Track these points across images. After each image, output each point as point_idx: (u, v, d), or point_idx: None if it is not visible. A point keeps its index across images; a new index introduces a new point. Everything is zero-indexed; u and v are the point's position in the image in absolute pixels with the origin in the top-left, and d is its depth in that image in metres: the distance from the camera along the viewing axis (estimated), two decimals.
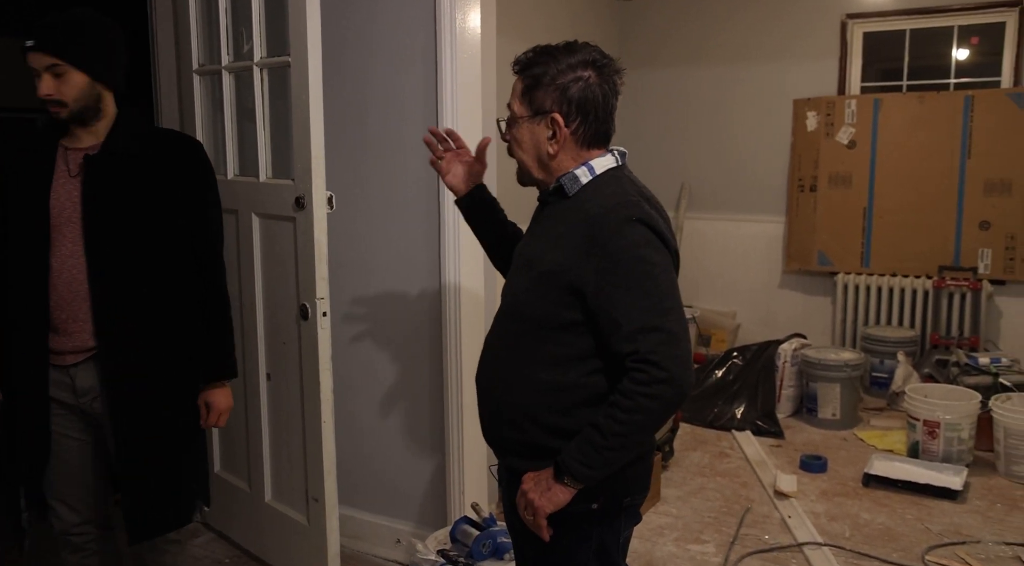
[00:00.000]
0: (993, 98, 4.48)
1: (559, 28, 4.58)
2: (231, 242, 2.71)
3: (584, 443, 1.46)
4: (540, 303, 1.53)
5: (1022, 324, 4.53)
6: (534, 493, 1.50)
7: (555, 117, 1.53)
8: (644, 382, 1.42)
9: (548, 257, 1.52)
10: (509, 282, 1.65)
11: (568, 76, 1.51)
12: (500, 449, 1.66)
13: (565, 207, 1.55)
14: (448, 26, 2.56)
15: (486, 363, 1.65)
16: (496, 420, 1.63)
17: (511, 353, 1.58)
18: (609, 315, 1.46)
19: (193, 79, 2.77)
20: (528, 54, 1.55)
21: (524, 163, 1.60)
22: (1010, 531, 3.07)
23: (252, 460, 2.77)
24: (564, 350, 1.51)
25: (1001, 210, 4.50)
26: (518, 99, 1.56)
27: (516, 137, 1.58)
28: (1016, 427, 3.48)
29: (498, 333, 1.64)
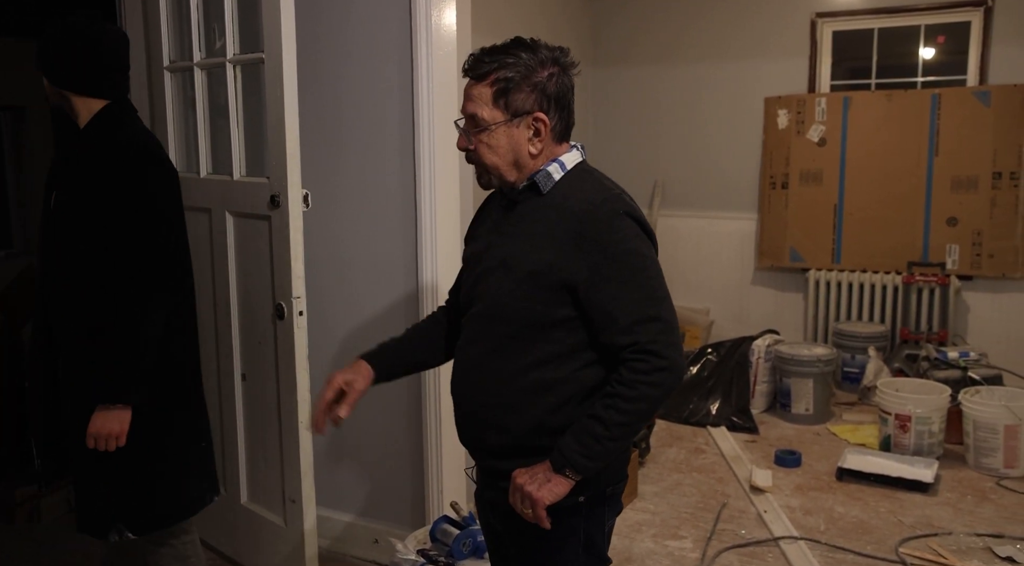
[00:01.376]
0: (959, 96, 4.56)
1: (533, 26, 4.58)
2: (204, 242, 2.68)
3: (584, 435, 1.46)
4: (528, 303, 1.51)
5: (989, 318, 4.62)
6: (531, 486, 1.48)
7: (539, 116, 1.52)
8: (646, 371, 1.44)
9: (533, 257, 1.50)
10: (483, 285, 1.58)
11: (541, 74, 1.51)
12: (480, 452, 1.64)
13: (540, 205, 1.54)
14: (424, 23, 2.55)
15: (466, 369, 1.61)
16: (479, 425, 1.60)
17: (496, 356, 1.55)
18: (604, 309, 1.46)
19: (164, 76, 2.72)
20: (484, 59, 1.51)
21: (495, 167, 1.55)
22: (980, 522, 3.12)
23: (227, 462, 2.74)
24: (556, 347, 1.51)
25: (968, 206, 4.58)
26: (488, 105, 1.51)
27: (489, 143, 1.53)
28: (985, 420, 3.55)
29: (477, 337, 1.59)
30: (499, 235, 1.59)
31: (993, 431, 3.52)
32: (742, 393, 4.31)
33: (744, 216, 5.16)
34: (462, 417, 1.65)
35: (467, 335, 1.61)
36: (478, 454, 1.65)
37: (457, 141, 1.59)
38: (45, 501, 3.14)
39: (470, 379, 1.60)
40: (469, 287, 1.62)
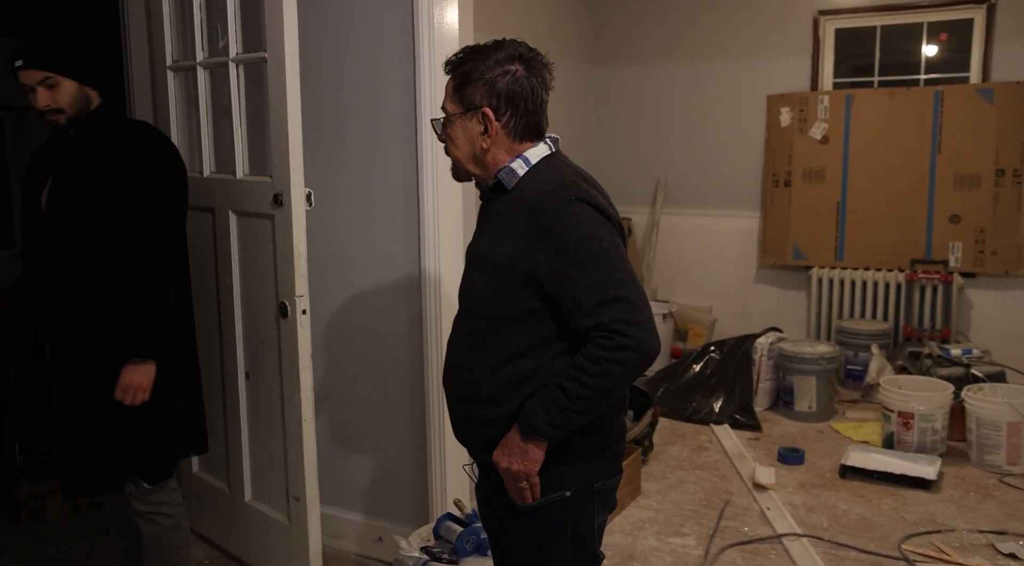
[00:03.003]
0: (962, 93, 4.56)
1: (535, 24, 4.58)
2: (207, 240, 2.69)
3: (549, 403, 1.50)
4: (497, 298, 1.54)
5: (992, 316, 4.62)
6: (513, 463, 1.54)
7: (485, 111, 1.55)
8: (610, 349, 1.46)
9: (497, 251, 1.54)
10: (464, 283, 1.65)
11: (495, 71, 1.54)
12: (474, 448, 1.67)
13: (506, 200, 1.57)
14: (426, 22, 2.55)
15: (450, 367, 1.66)
16: (467, 420, 1.64)
17: (475, 351, 1.59)
18: (568, 295, 1.49)
19: (167, 76, 2.73)
20: (458, 54, 1.58)
21: (459, 160, 1.62)
22: (983, 519, 3.12)
23: (231, 460, 2.75)
24: (527, 340, 1.54)
25: (971, 204, 4.57)
26: (450, 98, 1.58)
27: (451, 135, 1.59)
28: (988, 417, 3.55)
29: (459, 334, 1.64)
30: (478, 233, 1.65)
31: (996, 428, 3.52)
32: (745, 391, 4.32)
33: (747, 214, 5.16)
34: (452, 414, 1.69)
35: (453, 331, 1.66)
36: (470, 449, 1.69)
37: None
38: (50, 500, 3.16)
39: (455, 375, 1.64)
40: (460, 285, 1.68)
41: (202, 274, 2.74)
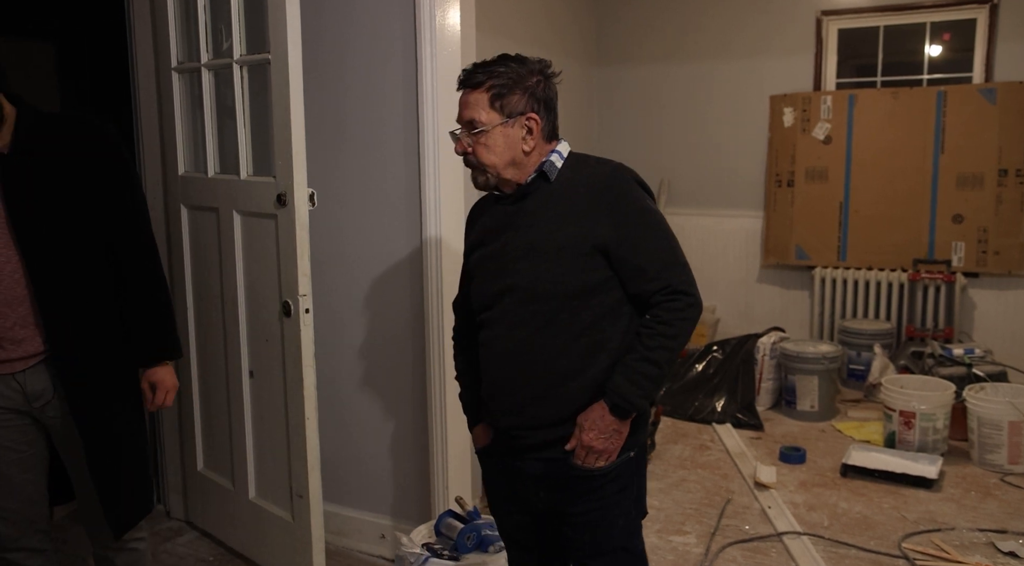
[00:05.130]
0: (965, 93, 4.56)
1: (537, 25, 4.60)
2: (212, 240, 2.71)
3: (640, 378, 1.66)
4: (568, 276, 1.67)
5: (995, 315, 4.62)
6: (610, 443, 1.68)
7: (532, 116, 1.71)
8: (680, 308, 1.66)
9: (560, 234, 1.67)
10: (512, 275, 1.71)
11: (531, 80, 1.71)
12: (530, 430, 1.75)
13: (552, 190, 1.72)
14: (428, 23, 2.57)
15: (513, 353, 1.72)
16: (534, 401, 1.72)
17: (547, 331, 1.69)
18: (633, 262, 1.67)
19: (172, 77, 2.76)
20: (477, 71, 1.71)
21: (494, 166, 1.72)
22: (984, 518, 3.13)
23: (236, 458, 2.77)
24: (596, 310, 1.68)
25: (973, 204, 4.57)
26: (485, 109, 1.69)
27: (487, 143, 1.70)
28: (989, 416, 3.55)
29: (520, 321, 1.71)
30: (515, 229, 1.73)
31: (997, 427, 3.53)
32: (747, 390, 4.33)
33: (750, 214, 5.17)
34: (510, 401, 1.75)
35: (506, 323, 1.73)
36: (526, 432, 1.75)
37: (455, 147, 1.75)
38: None
39: (521, 361, 1.72)
40: (491, 283, 1.75)
41: (206, 273, 2.77)
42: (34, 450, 2.01)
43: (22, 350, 1.90)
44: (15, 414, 1.96)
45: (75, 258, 1.93)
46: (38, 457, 2.03)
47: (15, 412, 1.95)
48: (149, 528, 2.24)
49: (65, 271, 1.92)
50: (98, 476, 2.00)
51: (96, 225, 1.96)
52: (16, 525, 2.01)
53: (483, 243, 1.81)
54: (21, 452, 1.99)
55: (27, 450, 2.00)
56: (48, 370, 1.94)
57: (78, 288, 1.94)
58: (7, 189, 1.85)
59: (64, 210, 1.91)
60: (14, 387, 1.93)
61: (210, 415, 2.89)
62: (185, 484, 3.09)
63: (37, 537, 2.05)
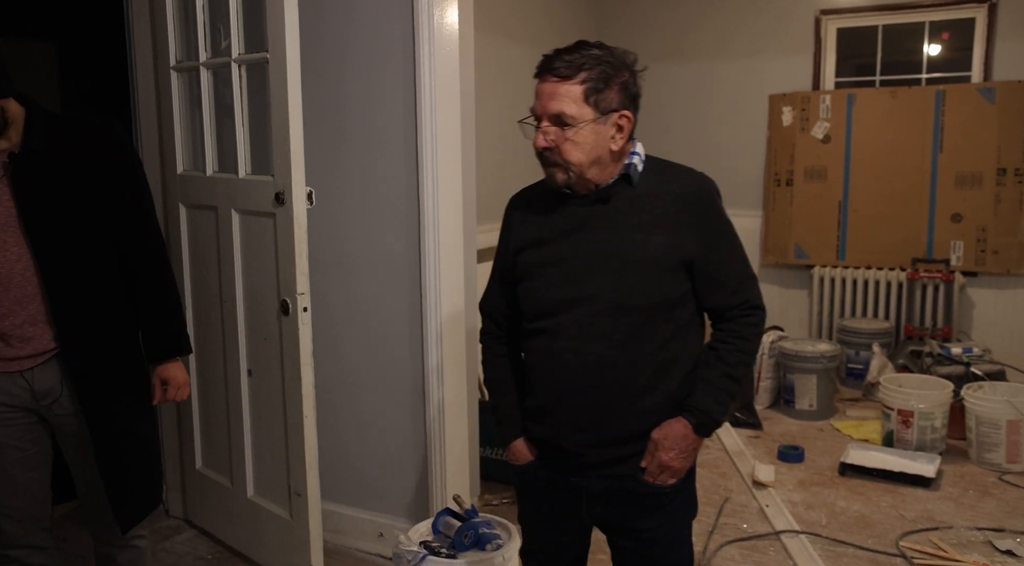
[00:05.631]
0: (963, 93, 4.56)
1: (536, 25, 4.60)
2: (210, 239, 2.72)
3: (722, 394, 1.65)
4: (654, 287, 1.60)
5: (993, 314, 4.62)
6: (684, 461, 1.65)
7: (626, 114, 1.61)
8: (755, 323, 1.67)
9: (650, 243, 1.60)
10: (590, 283, 1.61)
11: (624, 75, 1.60)
12: (601, 447, 1.66)
13: (636, 195, 1.64)
14: (426, 22, 2.57)
15: (590, 368, 1.62)
16: (610, 417, 1.64)
17: (629, 344, 1.61)
18: (714, 277, 1.64)
19: (170, 76, 2.76)
20: (568, 59, 1.56)
21: (579, 164, 1.60)
22: (981, 517, 3.13)
23: (234, 456, 2.78)
24: (674, 324, 1.64)
25: (972, 203, 4.58)
26: (577, 103, 1.56)
27: (575, 140, 1.58)
28: (987, 415, 3.56)
29: (600, 333, 1.61)
30: (591, 232, 1.63)
31: (995, 426, 3.53)
32: (746, 389, 4.33)
33: (749, 213, 5.17)
34: (580, 417, 1.65)
35: (579, 334, 1.62)
36: (593, 450, 1.67)
37: (535, 140, 1.61)
38: None
39: (598, 375, 1.62)
40: (557, 289, 1.64)
41: (205, 272, 2.77)
42: (38, 448, 2.02)
43: (31, 348, 1.91)
44: (22, 412, 1.96)
45: (85, 256, 1.95)
46: (42, 455, 2.04)
47: (22, 410, 1.96)
48: (149, 526, 2.24)
49: (75, 269, 1.93)
50: (106, 472, 2.00)
51: (106, 224, 1.97)
52: (20, 523, 2.02)
53: (542, 242, 1.67)
54: (25, 451, 2.00)
55: (31, 448, 2.01)
56: (57, 367, 1.95)
57: (88, 286, 1.95)
58: (18, 188, 1.86)
59: (74, 209, 1.92)
60: (21, 385, 1.93)
61: (208, 414, 2.89)
62: (184, 482, 3.09)
63: (40, 535, 2.06)
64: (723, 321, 1.68)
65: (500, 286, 1.79)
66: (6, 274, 1.86)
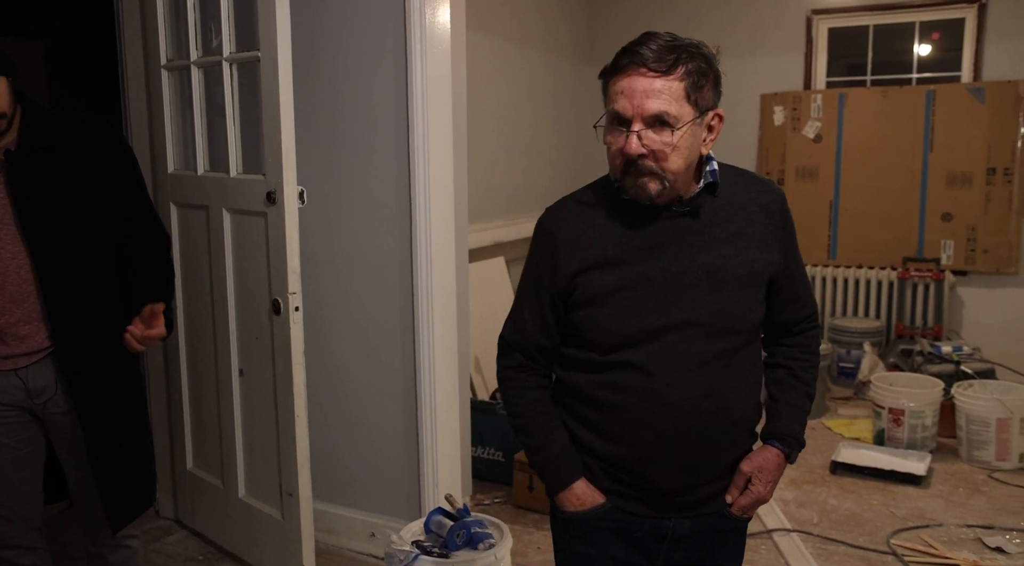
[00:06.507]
0: (954, 93, 4.58)
1: (529, 24, 4.60)
2: (201, 238, 2.71)
3: (804, 414, 1.55)
4: (751, 306, 1.46)
5: (983, 313, 4.64)
6: (771, 490, 1.53)
7: (719, 113, 1.42)
8: (818, 334, 1.60)
9: (746, 257, 1.44)
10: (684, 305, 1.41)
11: (716, 68, 1.40)
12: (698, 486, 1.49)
13: (719, 206, 1.45)
14: (418, 21, 2.57)
15: (693, 401, 1.42)
16: (711, 453, 1.48)
17: (727, 374, 1.45)
18: (791, 289, 1.54)
19: (161, 74, 2.75)
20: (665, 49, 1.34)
21: (678, 172, 1.38)
22: (972, 514, 3.15)
23: (225, 456, 2.77)
24: (758, 344, 1.54)
25: (962, 202, 4.60)
26: (679, 101, 1.34)
27: (677, 145, 1.36)
28: (977, 413, 3.57)
29: (700, 362, 1.42)
30: (680, 248, 1.42)
31: (985, 424, 3.55)
32: None
33: None
34: (680, 457, 1.46)
35: (678, 366, 1.42)
36: (688, 490, 1.49)
37: (627, 146, 1.36)
38: None
39: (701, 409, 1.43)
40: (648, 315, 1.41)
41: (196, 272, 2.76)
42: (31, 447, 2.01)
43: (25, 346, 1.91)
44: (16, 410, 1.96)
45: (81, 255, 1.94)
46: (35, 455, 2.03)
47: (16, 408, 1.96)
48: (140, 526, 2.23)
49: (72, 268, 1.92)
50: (99, 471, 2.00)
51: (103, 223, 1.97)
52: (12, 523, 2.01)
53: (616, 262, 1.42)
54: (18, 450, 1.99)
55: (24, 447, 2.00)
56: (52, 366, 1.94)
57: (84, 285, 1.95)
58: (14, 186, 1.85)
59: (71, 208, 1.91)
60: (16, 383, 1.93)
61: (200, 414, 2.88)
62: (174, 483, 3.08)
63: (31, 535, 2.05)
64: (790, 335, 1.57)
65: (538, 315, 1.51)
66: (1, 272, 1.85)
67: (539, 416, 1.54)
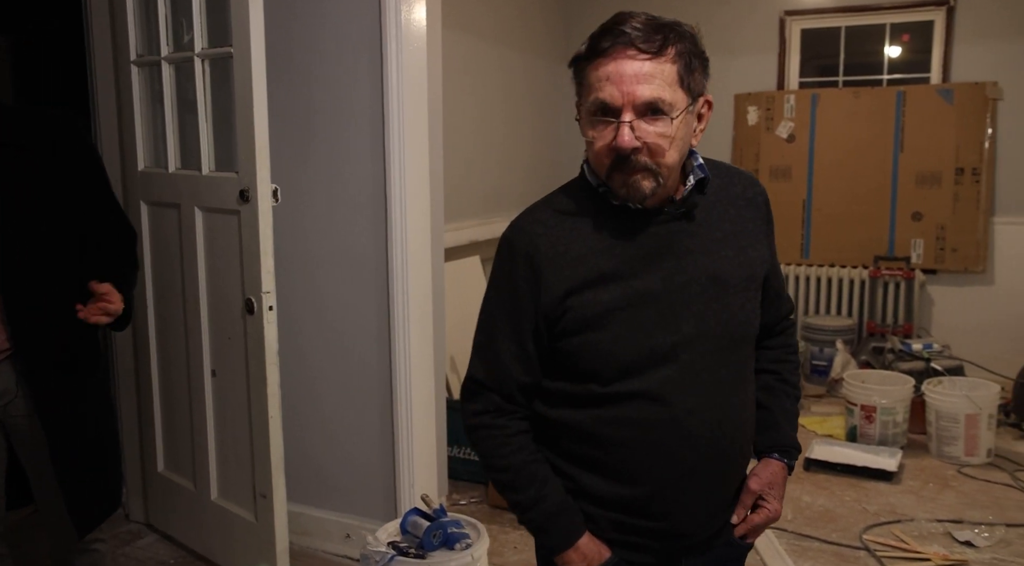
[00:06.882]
0: (923, 94, 4.65)
1: (504, 20, 4.59)
2: (172, 237, 2.67)
3: (794, 417, 1.43)
4: (757, 311, 1.34)
5: (952, 311, 4.72)
6: (781, 505, 1.39)
7: (708, 99, 1.26)
8: (795, 332, 1.48)
9: (742, 260, 1.30)
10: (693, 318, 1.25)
11: (701, 49, 1.23)
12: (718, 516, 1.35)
13: (710, 203, 1.30)
14: (393, 18, 2.55)
15: (713, 427, 1.26)
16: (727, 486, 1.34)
17: (739, 390, 1.32)
18: (774, 287, 1.41)
19: (131, 70, 2.71)
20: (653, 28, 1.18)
21: (670, 167, 1.22)
22: (941, 509, 3.19)
23: (197, 458, 2.73)
24: None
25: (932, 202, 4.67)
26: (672, 86, 1.18)
27: (673, 136, 1.19)
28: (947, 410, 3.63)
29: (713, 381, 1.27)
30: (679, 254, 1.26)
31: (954, 420, 3.60)
32: None
33: None
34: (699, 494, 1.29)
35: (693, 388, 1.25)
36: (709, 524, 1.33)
37: (619, 139, 1.18)
38: None
39: (718, 435, 1.27)
40: (654, 334, 1.23)
41: (167, 271, 2.72)
42: None
43: None
44: None
45: (43, 253, 1.89)
46: None
47: None
48: (109, 530, 2.19)
49: (33, 267, 1.88)
50: (62, 475, 1.95)
51: (66, 221, 1.93)
52: None
53: (614, 276, 1.23)
54: None
55: None
56: (12, 369, 1.90)
57: (45, 285, 1.90)
58: None
59: (32, 206, 1.87)
60: None
61: (171, 415, 2.84)
62: (145, 486, 3.03)
63: None
64: (773, 335, 1.45)
65: (517, 348, 1.28)
66: None
67: (528, 466, 1.30)
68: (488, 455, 1.33)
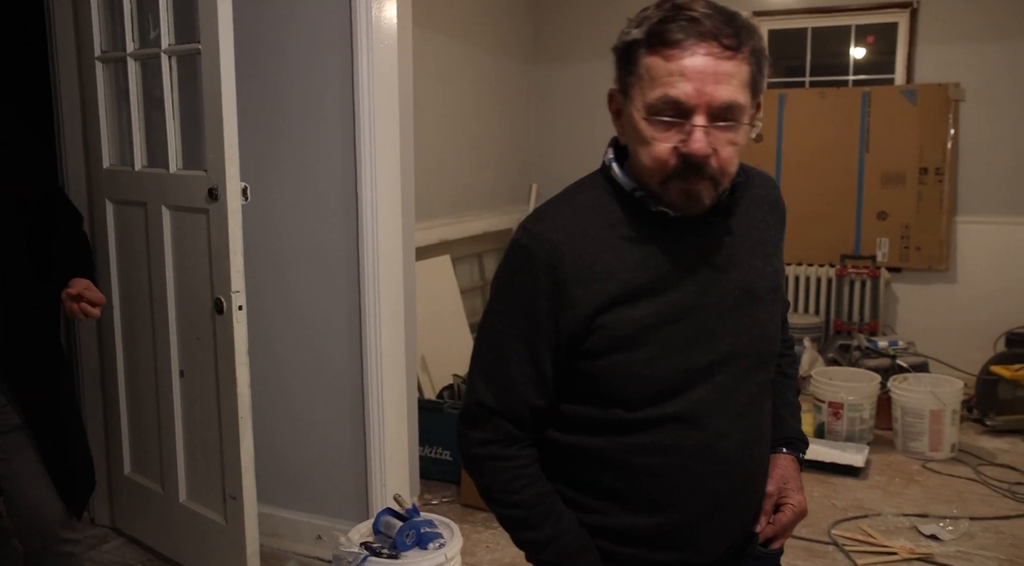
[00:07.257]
0: (888, 94, 4.72)
1: (474, 20, 4.59)
2: (139, 236, 2.63)
3: (798, 410, 1.38)
4: (779, 327, 1.25)
5: (916, 309, 4.80)
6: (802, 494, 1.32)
7: (759, 103, 1.15)
8: (788, 328, 1.41)
9: (771, 267, 1.22)
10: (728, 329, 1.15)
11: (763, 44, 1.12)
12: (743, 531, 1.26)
13: (742, 209, 1.22)
14: (364, 16, 2.54)
15: (745, 448, 1.19)
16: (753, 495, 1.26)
17: (764, 408, 1.24)
18: (781, 287, 1.32)
19: (95, 67, 2.66)
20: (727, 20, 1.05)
21: (729, 173, 1.11)
22: (907, 503, 3.25)
23: (165, 460, 2.69)
24: None
25: (897, 201, 4.75)
26: (744, 88, 1.07)
27: (739, 142, 1.09)
28: (912, 406, 3.69)
29: (748, 401, 1.19)
30: (714, 265, 1.16)
31: (919, 416, 3.67)
32: None
33: None
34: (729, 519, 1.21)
35: (730, 410, 1.16)
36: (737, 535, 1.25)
37: (696, 144, 1.06)
38: None
39: (750, 457, 1.21)
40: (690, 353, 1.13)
41: (134, 270, 2.68)
42: None
43: None
44: None
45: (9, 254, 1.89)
46: None
47: None
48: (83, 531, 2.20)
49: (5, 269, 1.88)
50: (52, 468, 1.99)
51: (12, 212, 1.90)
52: None
53: (654, 290, 1.12)
54: None
55: None
56: None
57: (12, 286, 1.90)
58: None
59: None
60: None
61: (138, 417, 2.80)
62: (111, 489, 2.98)
63: None
64: None
65: (532, 369, 1.15)
66: None
67: (543, 500, 1.18)
68: (497, 490, 1.20)
